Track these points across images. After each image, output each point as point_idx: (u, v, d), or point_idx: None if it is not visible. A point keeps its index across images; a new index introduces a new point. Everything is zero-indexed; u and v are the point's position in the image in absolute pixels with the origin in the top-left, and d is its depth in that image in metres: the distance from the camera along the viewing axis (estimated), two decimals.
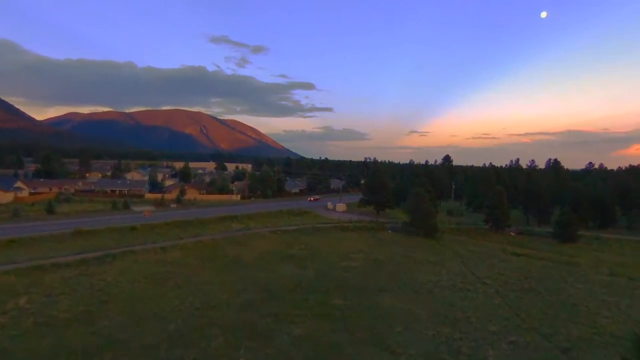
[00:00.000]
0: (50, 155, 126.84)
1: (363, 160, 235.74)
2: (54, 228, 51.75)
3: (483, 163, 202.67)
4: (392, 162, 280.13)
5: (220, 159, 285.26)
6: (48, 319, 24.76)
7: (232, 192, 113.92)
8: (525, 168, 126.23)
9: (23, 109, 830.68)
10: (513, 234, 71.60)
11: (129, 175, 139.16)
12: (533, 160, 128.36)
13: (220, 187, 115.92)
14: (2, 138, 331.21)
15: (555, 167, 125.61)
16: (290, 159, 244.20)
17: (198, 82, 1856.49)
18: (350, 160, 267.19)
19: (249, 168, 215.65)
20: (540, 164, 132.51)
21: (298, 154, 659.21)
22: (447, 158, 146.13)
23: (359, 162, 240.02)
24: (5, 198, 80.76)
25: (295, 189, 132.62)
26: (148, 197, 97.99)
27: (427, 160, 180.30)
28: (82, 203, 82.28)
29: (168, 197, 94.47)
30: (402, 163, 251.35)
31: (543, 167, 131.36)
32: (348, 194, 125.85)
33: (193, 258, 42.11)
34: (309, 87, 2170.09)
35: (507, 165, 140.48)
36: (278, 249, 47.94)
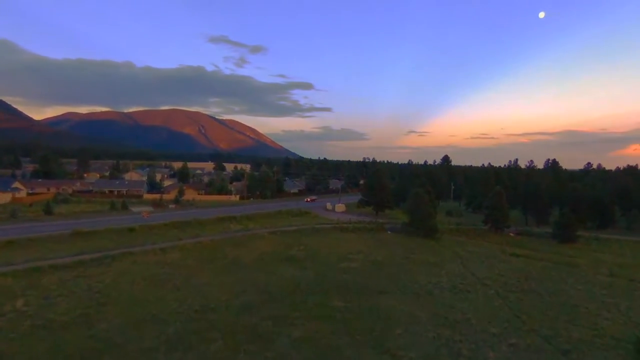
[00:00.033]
0: (48, 156, 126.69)
1: (362, 161, 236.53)
2: (52, 229, 51.41)
3: (482, 163, 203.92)
4: (390, 162, 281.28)
5: (219, 159, 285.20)
6: (45, 322, 24.54)
7: (230, 192, 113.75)
8: (524, 168, 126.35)
9: (21, 109, 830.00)
10: (512, 235, 71.63)
11: (127, 176, 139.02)
12: (532, 161, 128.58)
13: (219, 187, 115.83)
14: None
15: (554, 167, 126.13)
16: (289, 159, 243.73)
17: (196, 82, 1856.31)
18: (349, 161, 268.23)
19: (248, 168, 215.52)
20: (539, 164, 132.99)
21: (297, 154, 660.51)
22: (445, 158, 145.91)
23: (358, 162, 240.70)
24: (3, 199, 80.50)
25: (294, 190, 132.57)
26: (146, 197, 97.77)
27: (425, 161, 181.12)
28: (80, 204, 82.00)
29: (166, 197, 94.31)
30: (400, 163, 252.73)
31: (541, 167, 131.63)
32: (347, 195, 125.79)
33: (192, 259, 41.91)
34: (308, 87, 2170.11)
35: (505, 166, 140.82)
36: (277, 250, 47.77)
